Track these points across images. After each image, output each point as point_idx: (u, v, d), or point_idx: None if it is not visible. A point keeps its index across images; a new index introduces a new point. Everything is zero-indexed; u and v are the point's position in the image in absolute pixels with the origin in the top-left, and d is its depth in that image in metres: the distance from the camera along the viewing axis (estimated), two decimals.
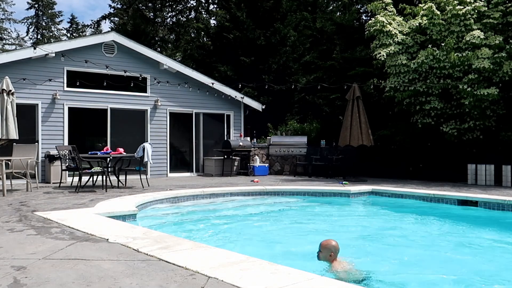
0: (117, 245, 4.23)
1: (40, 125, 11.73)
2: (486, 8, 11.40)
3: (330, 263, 4.32)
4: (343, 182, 11.32)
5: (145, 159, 10.00)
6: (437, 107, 11.58)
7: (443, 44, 11.24)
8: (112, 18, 34.59)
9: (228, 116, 15.30)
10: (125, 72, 12.78)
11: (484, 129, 11.61)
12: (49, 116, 11.86)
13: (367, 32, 12.80)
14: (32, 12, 43.31)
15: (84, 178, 10.10)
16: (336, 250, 4.36)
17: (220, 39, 21.96)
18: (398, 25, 12.66)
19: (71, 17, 45.87)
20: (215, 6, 31.22)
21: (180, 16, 33.60)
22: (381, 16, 12.43)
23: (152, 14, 32.56)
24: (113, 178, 10.45)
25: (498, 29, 11.34)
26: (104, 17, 35.06)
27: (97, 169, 9.92)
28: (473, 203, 8.22)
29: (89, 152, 10.25)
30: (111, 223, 5.45)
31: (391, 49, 12.02)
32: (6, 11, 41.67)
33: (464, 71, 11.19)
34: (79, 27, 44.70)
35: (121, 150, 10.26)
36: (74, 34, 43.90)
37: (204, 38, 28.69)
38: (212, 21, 30.22)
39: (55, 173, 11.22)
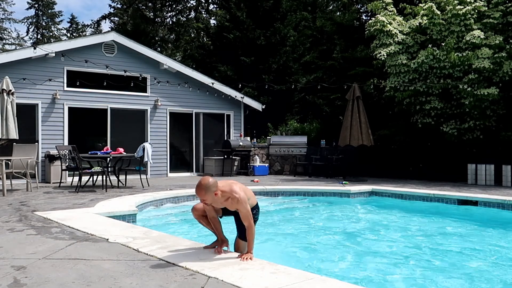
0: (117, 245, 4.23)
1: (40, 125, 11.73)
2: (486, 8, 11.40)
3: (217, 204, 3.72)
4: (343, 182, 11.31)
5: (145, 159, 9.99)
6: (437, 107, 11.58)
7: (443, 44, 11.24)
8: (112, 18, 34.64)
9: (228, 116, 15.30)
10: (125, 72, 12.78)
11: (484, 129, 11.60)
12: (49, 116, 11.85)
13: (367, 31, 12.80)
14: (32, 12, 43.35)
15: (84, 178, 10.10)
16: (216, 182, 3.65)
17: (220, 39, 21.96)
18: (398, 25, 12.66)
19: (71, 17, 45.90)
20: (215, 6, 31.24)
21: (180, 16, 33.63)
22: (381, 15, 12.43)
23: (152, 14, 32.57)
24: (113, 178, 10.44)
25: (498, 29, 11.34)
26: (104, 17, 35.11)
27: (97, 169, 9.92)
28: (473, 203, 8.22)
29: (89, 152, 10.25)
30: (111, 223, 5.45)
31: (391, 49, 12.02)
32: (6, 11, 41.72)
33: (464, 71, 11.19)
34: (79, 27, 44.71)
35: (121, 150, 10.26)
36: (74, 34, 43.91)
37: (204, 38, 28.73)
38: (212, 21, 30.24)
39: (55, 173, 11.22)
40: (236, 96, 15.08)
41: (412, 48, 12.17)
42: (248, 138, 15.23)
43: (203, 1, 32.56)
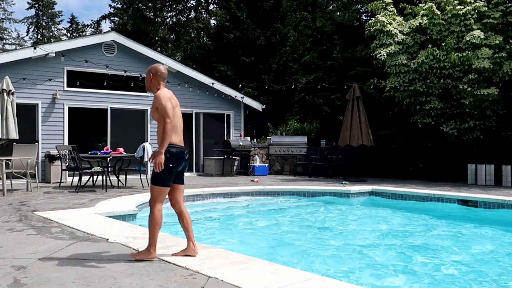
0: (117, 245, 4.23)
1: (40, 125, 11.73)
2: (486, 8, 11.41)
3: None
4: (343, 182, 11.32)
5: (145, 159, 9.99)
6: (437, 107, 11.58)
7: (443, 44, 11.24)
8: (112, 18, 34.63)
9: (228, 116, 15.30)
10: (125, 72, 12.78)
11: (484, 129, 11.61)
12: (49, 116, 11.85)
13: (367, 32, 12.80)
14: (32, 12, 43.35)
15: (84, 178, 10.10)
16: (162, 74, 3.85)
17: (220, 39, 21.96)
18: (398, 25, 12.66)
19: (71, 17, 45.88)
20: (215, 6, 31.23)
21: (180, 16, 33.61)
22: (381, 16, 12.43)
23: (152, 14, 32.56)
24: (113, 178, 10.45)
25: (498, 29, 11.35)
26: (104, 17, 35.08)
27: (97, 169, 9.93)
28: (473, 203, 8.22)
29: (89, 152, 10.25)
30: (111, 223, 5.46)
31: (391, 49, 12.02)
32: (6, 11, 41.70)
33: (464, 71, 11.19)
34: (79, 27, 44.70)
35: (121, 150, 10.26)
36: (74, 34, 43.90)
37: (204, 38, 28.71)
38: (212, 21, 30.22)
39: (55, 173, 11.22)
40: (236, 96, 15.08)
41: (412, 48, 12.17)
42: (248, 138, 15.23)
43: (203, 1, 32.55)
